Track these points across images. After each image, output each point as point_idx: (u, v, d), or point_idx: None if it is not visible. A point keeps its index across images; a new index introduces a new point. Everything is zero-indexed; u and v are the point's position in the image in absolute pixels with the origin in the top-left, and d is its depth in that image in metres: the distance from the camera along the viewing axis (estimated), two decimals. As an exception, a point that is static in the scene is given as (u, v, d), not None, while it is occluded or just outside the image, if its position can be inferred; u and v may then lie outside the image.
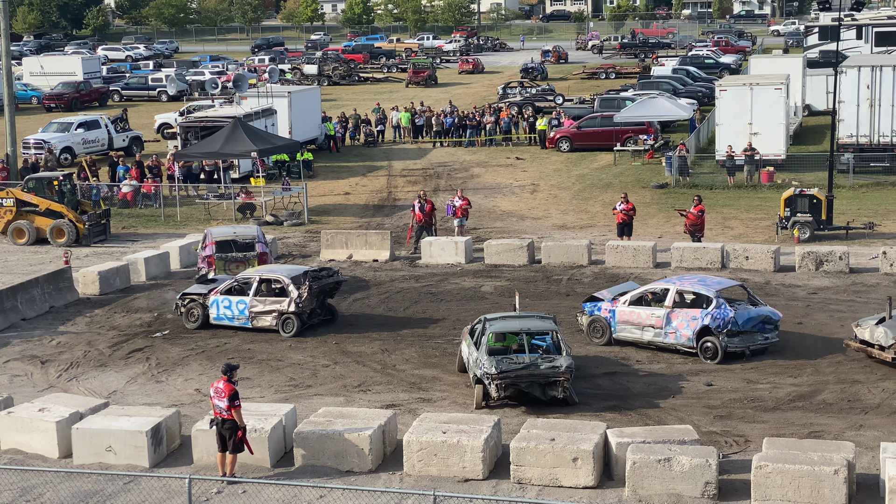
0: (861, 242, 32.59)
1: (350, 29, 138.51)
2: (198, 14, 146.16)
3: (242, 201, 39.34)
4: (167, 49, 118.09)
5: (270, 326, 25.53)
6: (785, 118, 44.29)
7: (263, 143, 40.60)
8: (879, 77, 42.93)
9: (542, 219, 38.41)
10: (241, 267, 28.58)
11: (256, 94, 49.03)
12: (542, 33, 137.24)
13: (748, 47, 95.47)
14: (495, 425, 18.07)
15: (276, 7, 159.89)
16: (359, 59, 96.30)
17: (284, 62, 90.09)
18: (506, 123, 55.31)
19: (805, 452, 16.41)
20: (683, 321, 23.17)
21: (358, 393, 21.73)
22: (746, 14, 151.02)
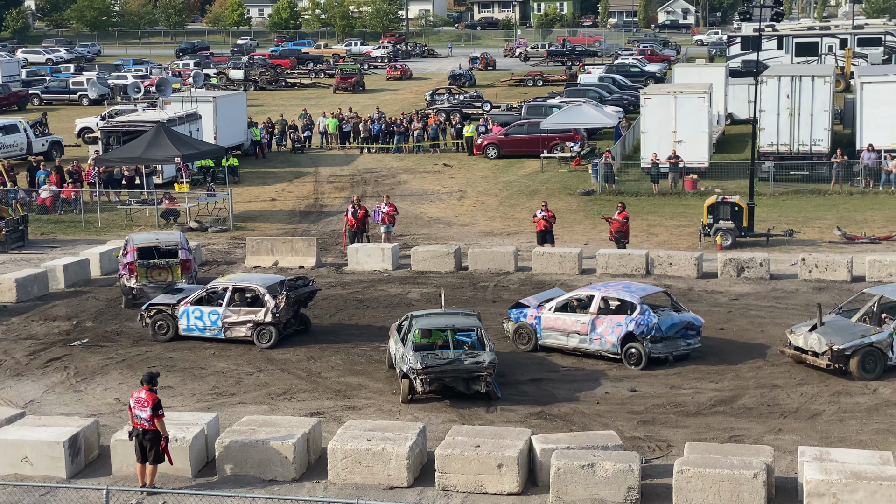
0: (781, 249, 33.11)
1: (277, 34, 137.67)
2: (121, 17, 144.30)
3: (166, 207, 38.87)
4: (89, 52, 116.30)
5: (245, 337, 24.88)
6: (708, 126, 44.88)
7: (187, 148, 40.12)
8: (799, 87, 43.76)
9: (469, 225, 38.47)
10: (163, 274, 28.17)
11: (181, 99, 48.51)
12: (470, 40, 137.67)
13: (672, 56, 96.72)
14: (420, 432, 18.02)
15: (202, 11, 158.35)
16: (286, 64, 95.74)
17: (210, 67, 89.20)
18: (433, 130, 55.35)
19: (725, 457, 16.60)
20: (608, 327, 23.34)
21: (282, 401, 21.54)
22: (671, 24, 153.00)
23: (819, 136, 43.80)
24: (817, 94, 43.71)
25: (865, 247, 33.18)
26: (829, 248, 33.18)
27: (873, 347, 21.89)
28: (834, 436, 19.15)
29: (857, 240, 33.90)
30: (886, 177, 41.80)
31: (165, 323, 25.30)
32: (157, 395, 17.07)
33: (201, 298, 25.24)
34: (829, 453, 16.83)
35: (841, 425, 19.67)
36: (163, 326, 25.31)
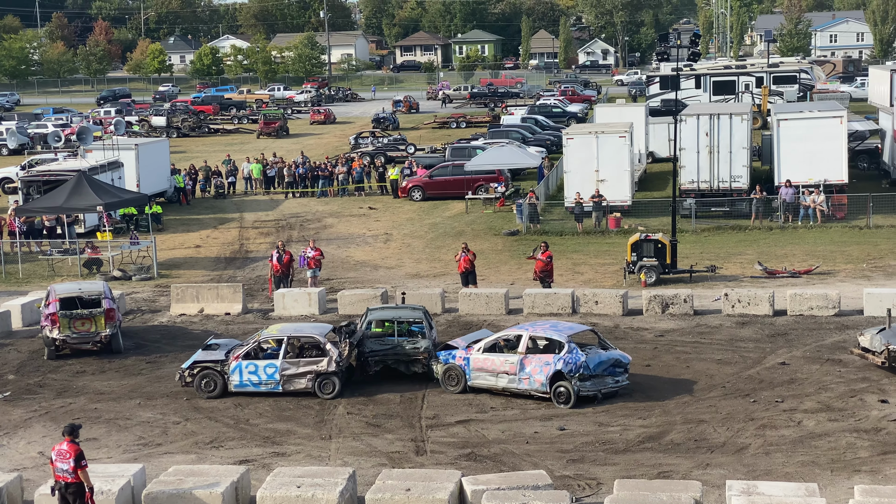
0: (704, 285, 33.58)
1: (199, 80, 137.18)
2: (40, 65, 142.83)
3: (88, 256, 38.37)
4: (7, 101, 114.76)
5: (305, 389, 24.16)
6: (630, 165, 45.47)
7: (110, 196, 39.68)
8: (717, 125, 44.57)
9: (396, 268, 38.50)
10: (86, 324, 27.73)
11: (102, 147, 48.09)
12: (393, 83, 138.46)
13: (593, 96, 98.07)
14: (350, 477, 17.92)
15: (123, 58, 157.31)
16: (208, 110, 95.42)
17: (131, 114, 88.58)
18: (358, 173, 55.44)
19: (654, 493, 16.74)
20: (537, 367, 23.45)
21: (210, 449, 21.29)
22: (591, 64, 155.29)
23: (738, 172, 44.60)
24: (735, 131, 44.56)
25: (786, 281, 33.79)
26: (751, 282, 33.73)
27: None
28: (761, 469, 19.40)
29: (777, 274, 34.51)
30: (804, 212, 42.69)
31: (213, 380, 24.36)
32: (79, 445, 16.77)
33: (251, 352, 24.51)
34: (757, 486, 17.04)
35: (767, 458, 19.94)
36: (210, 383, 24.37)
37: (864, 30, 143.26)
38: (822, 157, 43.52)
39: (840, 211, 42.94)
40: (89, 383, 25.86)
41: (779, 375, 24.69)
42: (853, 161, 49.84)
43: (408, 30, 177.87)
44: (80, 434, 17.02)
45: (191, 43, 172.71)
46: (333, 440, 21.63)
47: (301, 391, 24.24)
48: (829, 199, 42.75)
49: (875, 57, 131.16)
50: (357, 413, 23.22)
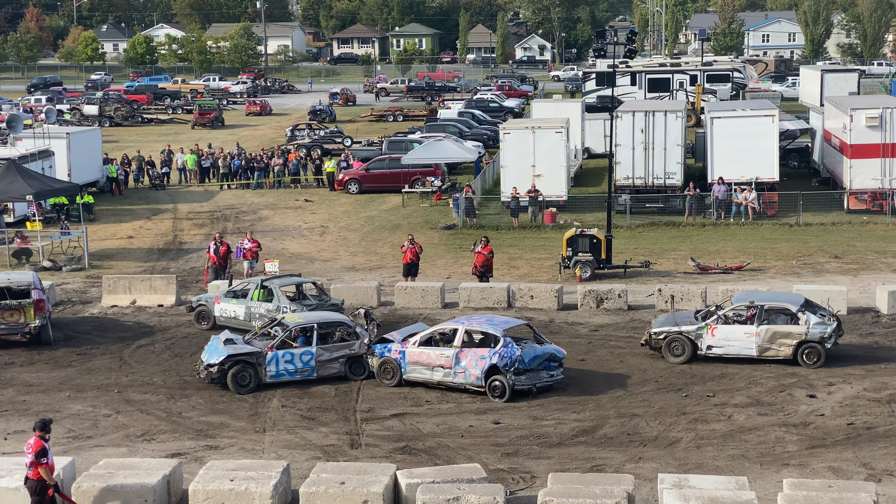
0: (638, 280, 33.89)
1: (133, 69, 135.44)
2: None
3: (17, 246, 37.70)
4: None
5: (337, 374, 24.71)
6: (566, 160, 45.74)
7: (40, 185, 39.03)
8: (652, 122, 44.97)
9: (332, 261, 38.35)
10: (15, 315, 27.24)
11: (32, 136, 47.25)
12: (331, 76, 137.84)
13: (530, 92, 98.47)
14: (284, 471, 17.82)
15: (54, 45, 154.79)
16: (142, 99, 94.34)
17: (63, 102, 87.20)
18: (294, 166, 55.11)
19: (588, 486, 16.85)
20: (472, 360, 23.49)
21: (142, 443, 21.06)
22: (528, 60, 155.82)
23: (672, 169, 45.04)
24: (670, 128, 44.99)
25: (718, 277, 34.21)
26: (684, 278, 34.09)
27: (681, 335, 25.48)
28: (692, 462, 19.63)
29: (710, 270, 34.92)
30: (737, 209, 43.24)
31: (247, 373, 24.02)
32: (45, 442, 16.39)
33: (284, 342, 24.53)
34: (688, 480, 17.21)
35: (698, 452, 20.18)
36: (245, 377, 23.99)
37: (795, 30, 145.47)
38: (754, 155, 44.10)
39: (771, 208, 43.56)
40: (18, 375, 25.43)
41: (710, 370, 24.99)
42: (784, 159, 50.57)
43: (345, 22, 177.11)
44: (50, 429, 16.60)
45: (124, 31, 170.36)
46: (267, 433, 21.51)
47: (333, 376, 24.57)
48: (760, 197, 43.34)
49: (806, 57, 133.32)
50: (291, 406, 23.10)
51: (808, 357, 25.09)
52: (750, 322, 25.58)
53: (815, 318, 25.28)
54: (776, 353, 25.26)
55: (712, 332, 25.61)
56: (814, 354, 25.08)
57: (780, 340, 25.23)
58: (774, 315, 25.67)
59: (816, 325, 25.14)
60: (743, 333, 25.39)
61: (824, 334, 25.03)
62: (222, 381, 24.00)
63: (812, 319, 25.21)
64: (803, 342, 25.12)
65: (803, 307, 25.54)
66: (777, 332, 25.23)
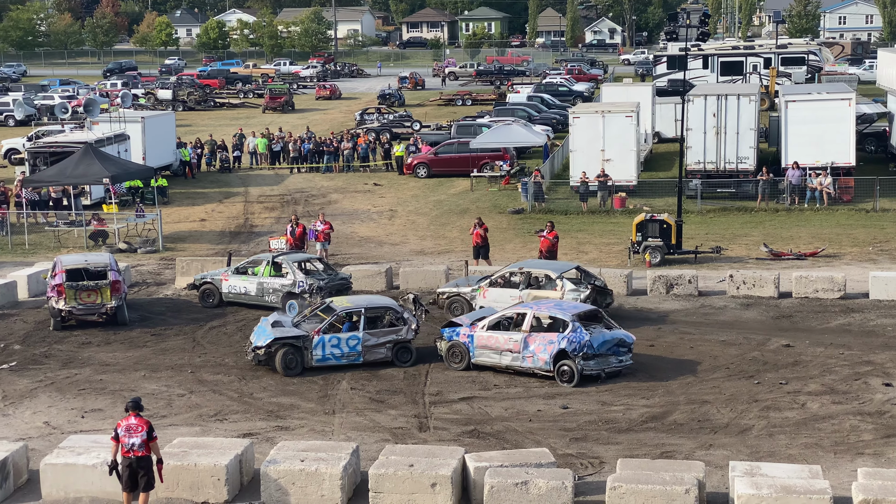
0: (709, 266, 33.58)
1: (205, 53, 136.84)
2: (47, 37, 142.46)
3: (94, 228, 38.38)
4: (14, 73, 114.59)
5: (383, 359, 24.62)
6: (636, 145, 45.41)
7: (116, 168, 39.73)
8: (725, 105, 44.43)
9: (400, 244, 38.51)
10: (92, 296, 27.78)
11: (109, 120, 48.03)
12: (400, 60, 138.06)
13: (600, 75, 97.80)
14: (354, 452, 17.97)
15: (129, 31, 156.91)
16: (214, 84, 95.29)
17: (138, 87, 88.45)
18: (363, 149, 55.36)
19: (657, 472, 16.77)
20: (540, 345, 23.48)
21: (214, 422, 21.36)
22: (598, 43, 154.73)
23: (745, 154, 44.49)
24: (743, 112, 44.43)
25: (792, 263, 33.77)
26: (756, 264, 33.72)
27: (460, 296, 28.25)
28: (764, 450, 19.44)
29: (783, 256, 34.49)
30: (811, 194, 42.60)
31: (295, 357, 24.17)
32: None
33: (332, 326, 24.63)
34: (760, 468, 17.06)
35: (770, 440, 19.97)
36: (293, 360, 24.12)
37: (873, 12, 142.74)
38: (830, 140, 43.40)
39: (847, 194, 42.84)
40: (94, 354, 25.92)
41: (783, 357, 24.72)
42: (861, 144, 49.58)
43: (414, 6, 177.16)
44: (143, 407, 16.93)
45: (197, 16, 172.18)
46: (337, 415, 21.69)
47: (380, 361, 24.54)
48: (835, 182, 42.66)
49: (884, 39, 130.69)
50: (361, 388, 23.27)
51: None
52: (516, 286, 27.81)
53: (570, 286, 27.38)
54: None
55: (484, 293, 27.95)
56: None
57: None
58: (537, 280, 27.97)
59: (570, 291, 27.23)
60: (508, 296, 27.48)
61: (577, 300, 26.62)
62: (269, 363, 24.16)
63: (568, 286, 27.34)
64: None
65: (562, 275, 27.61)
66: (537, 297, 27.18)
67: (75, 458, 17.70)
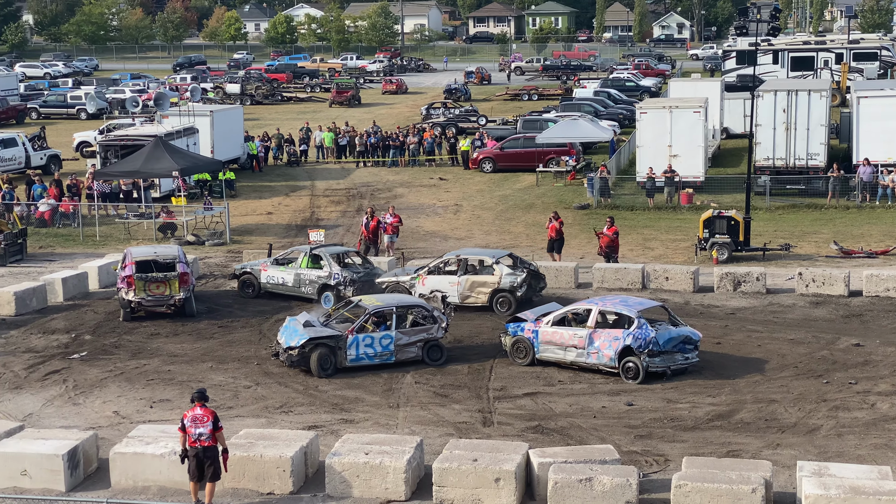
0: (778, 263, 33.18)
1: (273, 48, 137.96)
2: (118, 31, 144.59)
3: (163, 221, 38.88)
4: (87, 66, 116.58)
5: (414, 358, 24.22)
6: (704, 141, 45.01)
7: (185, 161, 40.19)
8: (795, 101, 43.88)
9: (465, 239, 38.51)
10: (161, 287, 28.14)
11: (178, 113, 48.59)
12: (466, 54, 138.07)
13: (668, 71, 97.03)
14: (418, 446, 18.03)
15: (199, 25, 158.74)
16: (282, 78, 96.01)
17: (206, 81, 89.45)
18: (429, 144, 55.47)
19: (723, 471, 16.62)
20: (605, 341, 23.37)
21: (280, 414, 21.54)
22: (666, 38, 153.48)
23: (815, 150, 43.92)
24: (813, 108, 43.85)
25: (862, 261, 33.25)
26: (826, 262, 33.25)
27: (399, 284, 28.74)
28: (832, 451, 19.18)
29: (853, 254, 33.98)
30: (883, 191, 41.93)
31: (329, 357, 23.69)
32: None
33: (363, 326, 24.11)
34: (828, 468, 16.83)
35: (839, 440, 19.70)
36: (327, 360, 23.64)
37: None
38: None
39: (919, 191, 42.11)
40: (163, 345, 26.27)
41: (853, 357, 24.35)
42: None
43: (481, 1, 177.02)
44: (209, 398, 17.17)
45: (265, 11, 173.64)
46: (401, 409, 21.77)
47: (410, 360, 24.22)
48: (908, 179, 41.94)
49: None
50: (425, 383, 23.32)
51: (501, 305, 28.22)
52: (454, 273, 28.67)
53: (507, 270, 28.29)
54: (475, 300, 28.41)
55: (423, 281, 28.58)
56: (506, 303, 28.16)
57: (478, 289, 28.39)
58: (474, 266, 28.90)
59: (507, 275, 28.18)
60: (447, 283, 28.41)
61: (514, 283, 28.05)
62: (303, 364, 23.71)
63: (504, 271, 28.26)
64: (497, 290, 28.22)
65: (499, 260, 28.61)
66: (475, 282, 28.38)
67: (144, 448, 17.97)
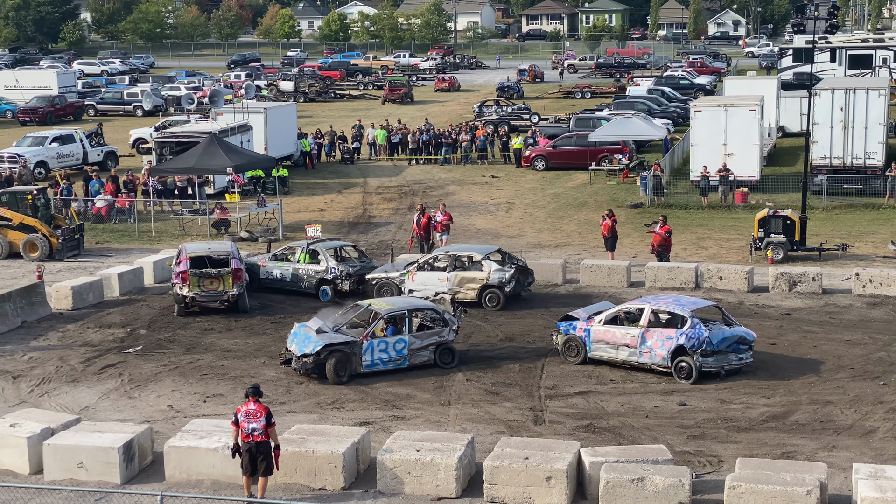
0: (834, 264, 32.80)
1: (326, 46, 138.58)
2: (174, 29, 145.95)
3: (217, 217, 39.20)
4: (143, 64, 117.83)
5: (426, 362, 23.75)
6: (759, 139, 44.58)
7: (239, 158, 40.50)
8: (853, 100, 43.35)
9: (517, 237, 38.46)
10: (215, 283, 28.39)
11: (232, 110, 48.96)
12: (519, 52, 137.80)
13: (723, 68, 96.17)
14: (469, 443, 18.03)
15: (253, 23, 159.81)
16: (335, 75, 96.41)
17: (260, 78, 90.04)
18: (481, 142, 55.43)
19: (778, 473, 16.46)
20: (658, 340, 23.22)
21: (332, 410, 21.64)
22: (721, 36, 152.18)
23: (873, 149, 43.37)
24: (872, 106, 43.29)
25: (920, 262, 32.79)
26: (883, 263, 32.81)
27: (389, 280, 29.09)
28: (889, 453, 18.91)
29: (911, 255, 33.51)
30: (941, 191, 41.29)
31: (345, 364, 23.15)
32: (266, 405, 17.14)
33: (374, 332, 23.51)
34: (885, 471, 16.60)
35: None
36: (343, 367, 23.12)
37: None
38: (963, 135, 42.05)
39: (980, 191, 41.41)
40: (217, 341, 26.48)
41: (910, 359, 24.02)
42: None
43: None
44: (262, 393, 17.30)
45: (319, 9, 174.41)
46: (452, 406, 21.78)
47: (423, 364, 23.88)
48: (968, 179, 41.25)
49: None
50: (476, 380, 23.32)
51: (490, 301, 28.60)
52: (443, 269, 28.90)
53: (496, 266, 28.65)
54: (464, 296, 28.46)
55: (412, 277, 28.90)
56: (494, 298, 28.56)
57: (467, 284, 28.68)
58: (463, 262, 29.12)
59: (496, 271, 28.52)
60: (437, 279, 28.68)
61: (503, 279, 28.43)
62: (319, 371, 23.14)
63: (493, 266, 28.60)
64: (485, 286, 28.55)
65: (488, 256, 28.93)
66: (464, 278, 28.70)
67: (198, 442, 18.14)
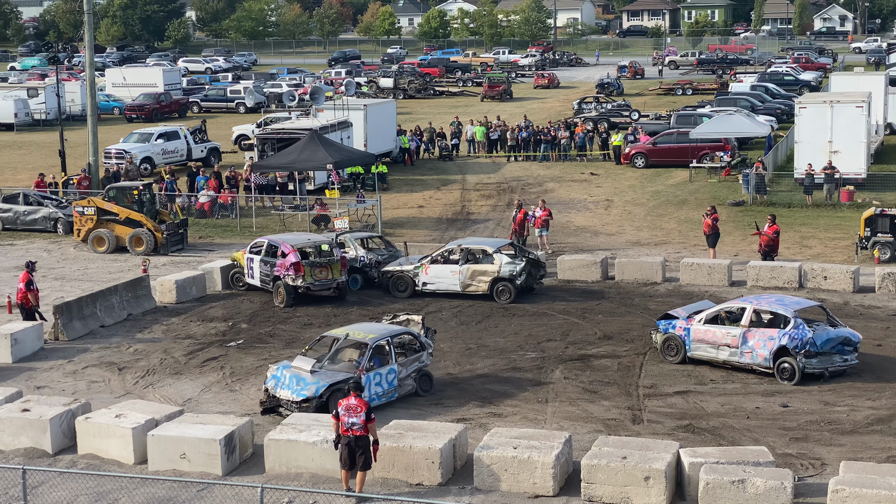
0: (943, 264, 31.92)
1: (426, 43, 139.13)
2: (276, 27, 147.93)
3: (317, 213, 39.63)
4: (246, 61, 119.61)
5: (410, 392, 22.16)
6: (866, 137, 43.62)
7: (339, 155, 40.87)
8: (965, 96, 42.12)
9: (616, 235, 38.18)
10: (324, 272, 29.41)
11: (333, 107, 49.41)
12: (619, 48, 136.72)
13: (829, 64, 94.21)
14: (566, 441, 17.97)
15: (354, 21, 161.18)
16: (434, 72, 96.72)
17: (361, 75, 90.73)
18: (580, 139, 55.14)
19: (883, 477, 16.10)
20: (760, 341, 22.87)
21: (429, 406, 21.74)
22: (827, 31, 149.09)
23: None
24: (984, 103, 42.05)
25: None
26: None
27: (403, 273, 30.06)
28: None
29: None
30: None
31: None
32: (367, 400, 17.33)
33: (372, 365, 21.63)
34: None
35: None
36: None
37: None
38: None
39: None
40: (316, 335, 26.73)
41: None
42: None
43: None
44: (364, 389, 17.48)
45: (419, 6, 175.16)
46: (550, 404, 21.73)
47: (407, 395, 22.13)
48: None
49: None
50: (574, 378, 23.22)
51: (501, 294, 29.06)
52: (456, 262, 29.53)
53: (507, 259, 29.05)
54: (476, 289, 29.24)
55: (426, 270, 29.70)
56: (505, 291, 29.03)
57: (479, 277, 29.19)
58: (475, 255, 29.65)
59: (507, 264, 28.96)
60: (449, 272, 29.45)
61: (513, 272, 28.86)
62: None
63: (504, 259, 29.03)
64: (497, 279, 28.99)
65: (500, 249, 29.41)
66: (476, 271, 29.22)
67: (297, 435, 18.38)
